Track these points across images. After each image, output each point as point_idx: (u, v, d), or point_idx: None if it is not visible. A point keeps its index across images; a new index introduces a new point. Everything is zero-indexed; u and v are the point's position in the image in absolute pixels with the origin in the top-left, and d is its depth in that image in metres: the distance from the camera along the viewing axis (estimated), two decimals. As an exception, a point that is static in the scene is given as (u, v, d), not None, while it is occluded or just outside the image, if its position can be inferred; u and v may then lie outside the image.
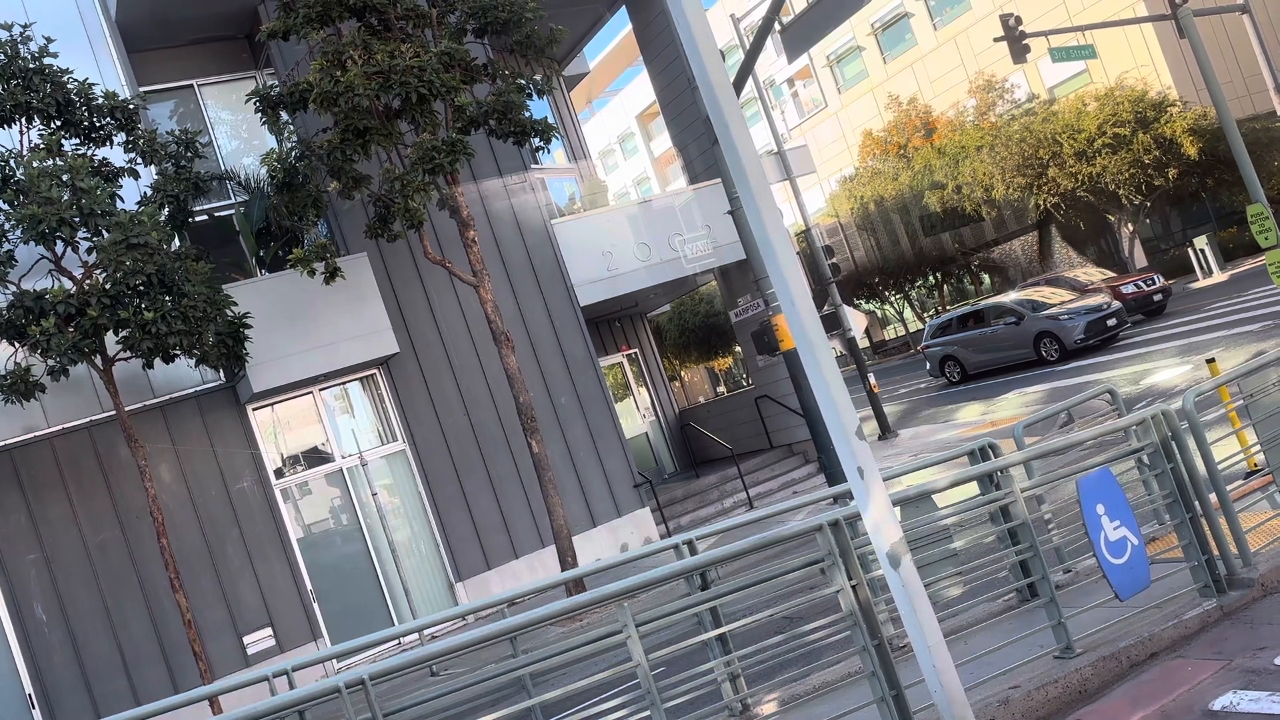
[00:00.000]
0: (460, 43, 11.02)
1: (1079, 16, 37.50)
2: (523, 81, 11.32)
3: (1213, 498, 5.59)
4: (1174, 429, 5.55)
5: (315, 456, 13.15)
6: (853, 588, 4.64)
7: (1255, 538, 5.91)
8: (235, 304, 10.52)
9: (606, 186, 18.26)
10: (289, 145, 10.44)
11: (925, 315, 40.91)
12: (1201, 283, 28.68)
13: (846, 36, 51.48)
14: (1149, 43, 35.12)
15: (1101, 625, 5.22)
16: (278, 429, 13.01)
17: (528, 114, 11.63)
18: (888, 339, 45.04)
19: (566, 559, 11.71)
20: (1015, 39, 24.34)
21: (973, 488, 5.84)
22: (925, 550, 5.52)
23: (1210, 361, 7.67)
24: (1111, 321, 20.99)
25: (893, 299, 42.20)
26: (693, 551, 5.98)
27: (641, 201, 16.07)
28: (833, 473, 13.68)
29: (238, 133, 14.42)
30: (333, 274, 11.11)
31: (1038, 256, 35.78)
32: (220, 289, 10.22)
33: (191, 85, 14.00)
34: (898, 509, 6.06)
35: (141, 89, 13.30)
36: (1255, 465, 7.43)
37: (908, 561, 4.18)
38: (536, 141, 11.99)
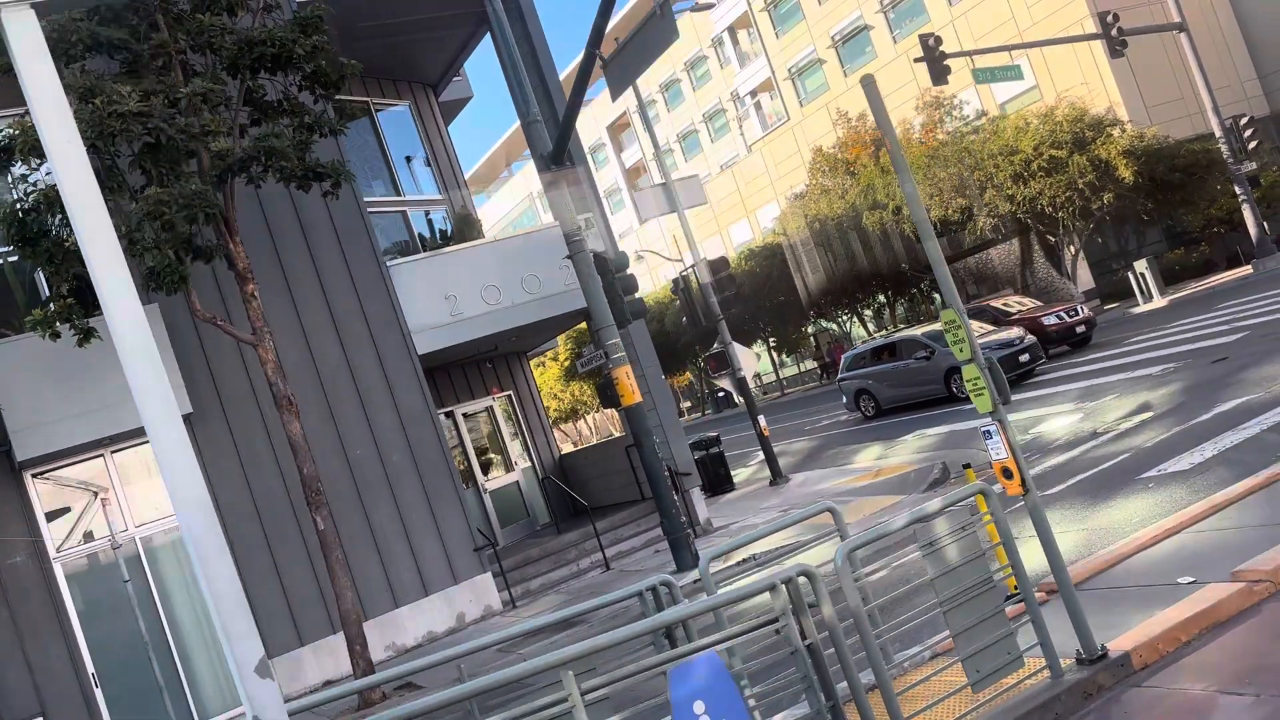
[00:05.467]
0: (222, 80, 10.00)
1: (1029, 32, 36.61)
2: (292, 121, 10.27)
3: (867, 677, 4.57)
4: (819, 594, 4.52)
5: (104, 526, 12.07)
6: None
7: (939, 713, 4.89)
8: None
9: (478, 220, 17.24)
10: (16, 196, 9.41)
11: (877, 335, 39.89)
12: (1142, 308, 27.75)
13: (807, 49, 50.60)
14: (1099, 61, 34.18)
15: None
16: (60, 497, 11.94)
17: (313, 155, 10.63)
18: (839, 362, 44.03)
19: (355, 648, 10.66)
20: (935, 60, 23.44)
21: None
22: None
23: (967, 467, 6.67)
24: (1024, 357, 20.01)
25: (841, 318, 41.22)
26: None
27: (494, 241, 15.07)
28: (675, 540, 12.66)
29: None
30: (86, 336, 10.06)
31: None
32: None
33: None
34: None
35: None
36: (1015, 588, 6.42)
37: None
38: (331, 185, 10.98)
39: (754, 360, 18.30)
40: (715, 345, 18.40)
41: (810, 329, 43.68)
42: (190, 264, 10.49)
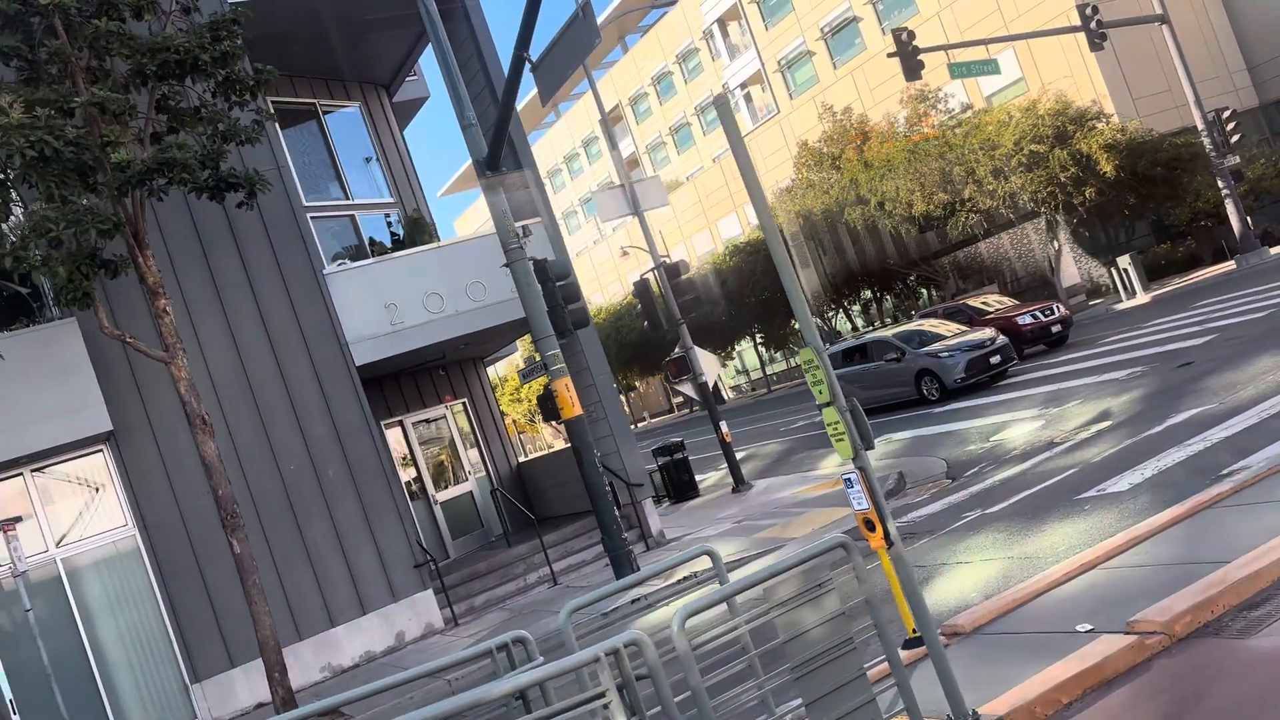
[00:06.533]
0: (127, 89, 9.60)
1: (1015, 24, 36.07)
2: (207, 129, 9.88)
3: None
4: (651, 665, 4.13)
5: (23, 546, 11.71)
6: None
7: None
8: None
9: (431, 223, 16.82)
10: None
11: (865, 331, 39.40)
12: (1125, 304, 27.31)
13: (796, 40, 50.03)
14: (1085, 54, 33.59)
15: None
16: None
17: (228, 164, 10.25)
18: (827, 356, 43.57)
19: (274, 675, 10.29)
20: (908, 55, 22.97)
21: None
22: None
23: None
24: (995, 359, 19.58)
25: (828, 314, 40.76)
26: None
27: (438, 246, 14.66)
28: (617, 558, 12.29)
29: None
30: (-17, 354, 9.69)
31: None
32: None
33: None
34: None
35: None
36: (914, 631, 6.05)
37: None
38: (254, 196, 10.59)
39: (716, 365, 17.88)
40: (676, 350, 17.99)
41: (797, 325, 43.21)
42: (101, 277, 10.14)
